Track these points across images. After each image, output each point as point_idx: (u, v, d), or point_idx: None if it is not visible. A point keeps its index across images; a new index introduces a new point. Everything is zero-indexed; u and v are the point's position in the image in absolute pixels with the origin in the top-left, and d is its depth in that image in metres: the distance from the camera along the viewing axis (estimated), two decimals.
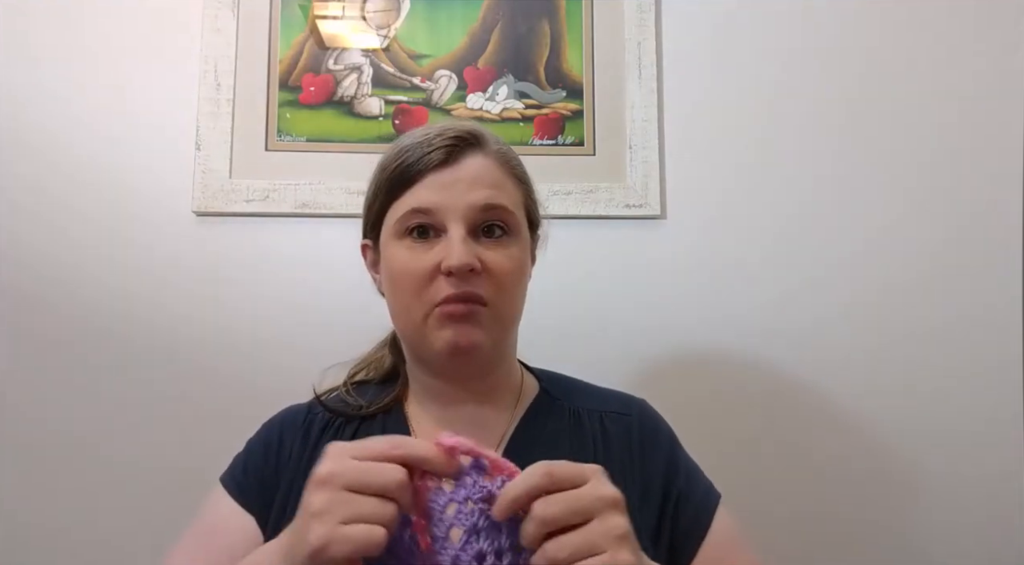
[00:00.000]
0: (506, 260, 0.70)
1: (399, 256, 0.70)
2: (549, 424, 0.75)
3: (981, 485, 1.09)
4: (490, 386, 0.75)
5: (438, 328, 0.68)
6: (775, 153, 1.15)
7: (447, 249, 0.67)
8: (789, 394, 1.11)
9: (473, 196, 0.69)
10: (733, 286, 1.12)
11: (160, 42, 1.12)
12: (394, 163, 0.71)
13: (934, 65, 1.17)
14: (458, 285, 0.67)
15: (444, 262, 0.67)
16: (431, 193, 0.69)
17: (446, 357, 0.69)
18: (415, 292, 0.68)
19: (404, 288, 0.69)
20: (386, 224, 0.72)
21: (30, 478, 1.04)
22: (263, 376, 1.07)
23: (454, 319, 0.67)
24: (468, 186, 0.69)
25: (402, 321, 0.72)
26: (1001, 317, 1.13)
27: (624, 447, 0.74)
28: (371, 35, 1.15)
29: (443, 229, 0.69)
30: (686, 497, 0.72)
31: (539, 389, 0.79)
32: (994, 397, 1.11)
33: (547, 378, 0.81)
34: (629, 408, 0.78)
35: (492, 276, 0.69)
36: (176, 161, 1.10)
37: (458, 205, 0.68)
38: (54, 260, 1.08)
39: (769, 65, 1.17)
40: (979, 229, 1.14)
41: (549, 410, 0.76)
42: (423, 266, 0.68)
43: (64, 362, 1.06)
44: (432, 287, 0.68)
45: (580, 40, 1.16)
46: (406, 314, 0.70)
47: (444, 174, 0.70)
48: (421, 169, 0.70)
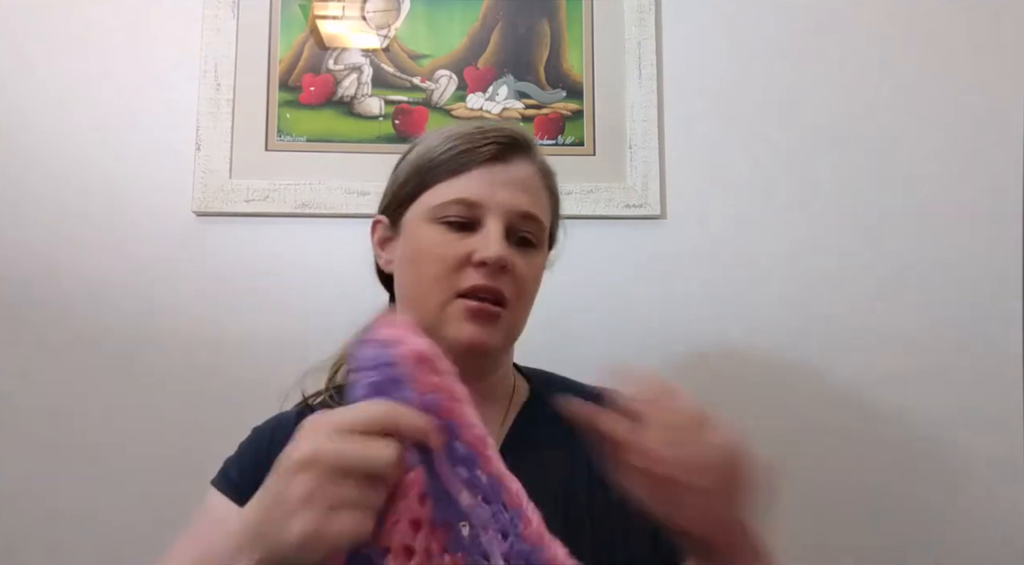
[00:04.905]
0: (529, 268, 0.71)
1: (430, 237, 0.68)
2: (541, 430, 0.73)
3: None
4: (485, 388, 0.73)
5: (458, 320, 0.67)
6: (775, 153, 1.15)
7: (483, 241, 0.67)
8: (789, 394, 1.11)
9: (517, 200, 0.69)
10: (733, 286, 1.12)
11: (160, 42, 1.12)
12: (443, 147, 0.70)
13: (935, 64, 1.17)
14: (487, 278, 0.66)
15: (479, 253, 0.66)
16: (479, 187, 0.68)
17: (458, 351, 0.65)
18: (441, 276, 0.67)
19: (429, 271, 0.68)
20: (418, 205, 0.71)
21: (30, 477, 1.04)
22: (263, 376, 1.06)
23: (480, 317, 0.67)
24: (514, 189, 0.69)
25: (416, 304, 0.69)
26: (1001, 317, 1.13)
27: None
28: (371, 35, 1.15)
29: (480, 224, 0.68)
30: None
31: (529, 392, 0.78)
32: (994, 390, 1.11)
33: (537, 379, 0.80)
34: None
35: (516, 280, 0.68)
36: (176, 161, 1.10)
37: (502, 204, 0.68)
38: (54, 260, 1.07)
39: (769, 65, 1.17)
40: (981, 228, 1.14)
41: (540, 414, 0.75)
42: (455, 252, 0.67)
43: (64, 362, 1.06)
44: (459, 275, 0.67)
45: (580, 40, 1.16)
46: (424, 298, 0.68)
47: (494, 171, 0.69)
48: (472, 160, 0.69)
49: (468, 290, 0.66)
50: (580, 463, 0.71)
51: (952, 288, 1.13)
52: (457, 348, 0.66)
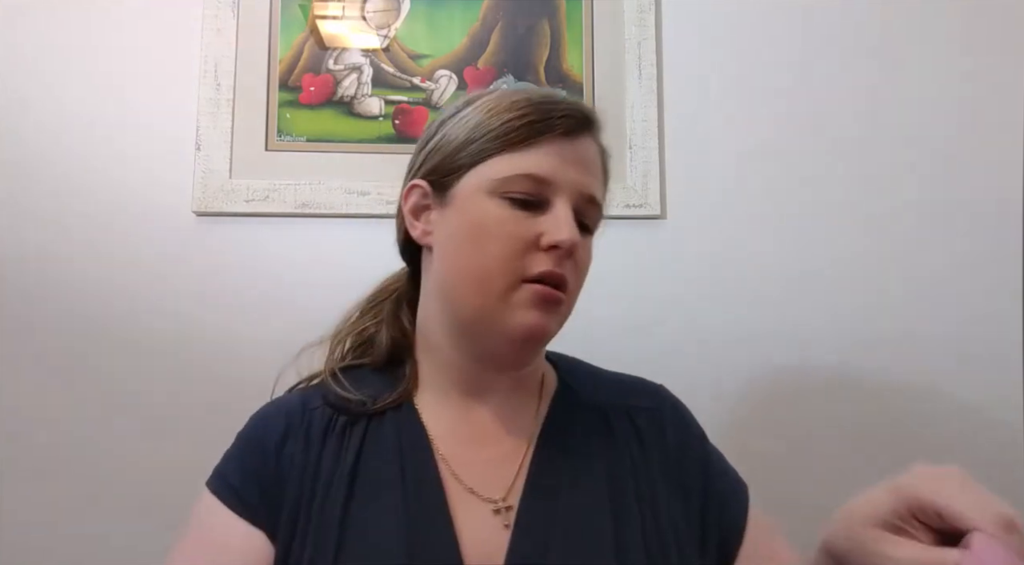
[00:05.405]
0: (586, 255, 0.66)
1: (495, 214, 0.62)
2: (577, 426, 0.70)
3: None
4: (522, 378, 0.70)
5: (524, 307, 0.61)
6: (775, 153, 1.15)
7: (553, 223, 0.61)
8: (790, 394, 1.11)
9: (585, 181, 0.64)
10: (733, 286, 1.12)
11: (160, 42, 1.12)
12: (511, 114, 0.63)
13: (935, 64, 1.17)
14: (555, 263, 0.61)
15: (550, 235, 0.61)
16: (550, 163, 0.62)
17: (517, 339, 0.62)
18: (508, 258, 0.61)
19: (494, 251, 0.61)
20: (476, 175, 0.63)
21: (29, 477, 1.04)
22: (263, 376, 1.06)
23: (547, 303, 0.62)
24: (582, 169, 0.64)
25: (474, 287, 0.62)
26: (1000, 316, 1.13)
27: (659, 449, 0.70)
28: (371, 35, 1.15)
29: (546, 203, 0.63)
30: (725, 495, 0.70)
31: (557, 380, 0.74)
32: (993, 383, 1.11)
33: (563, 366, 0.76)
34: (655, 400, 0.74)
35: (576, 266, 0.64)
36: (176, 161, 1.10)
37: (574, 184, 0.63)
38: (54, 260, 1.07)
39: (769, 64, 1.17)
40: (984, 227, 1.14)
41: (573, 407, 0.71)
42: (525, 233, 0.61)
43: (64, 362, 1.06)
44: (527, 258, 0.61)
45: (580, 40, 1.16)
46: (487, 281, 0.61)
47: (565, 147, 0.64)
48: (544, 132, 0.63)
49: (536, 276, 0.61)
50: (622, 451, 0.68)
51: (953, 288, 1.13)
52: (518, 335, 0.62)
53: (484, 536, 0.61)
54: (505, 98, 0.65)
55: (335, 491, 0.62)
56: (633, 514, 0.64)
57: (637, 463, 0.67)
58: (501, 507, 0.63)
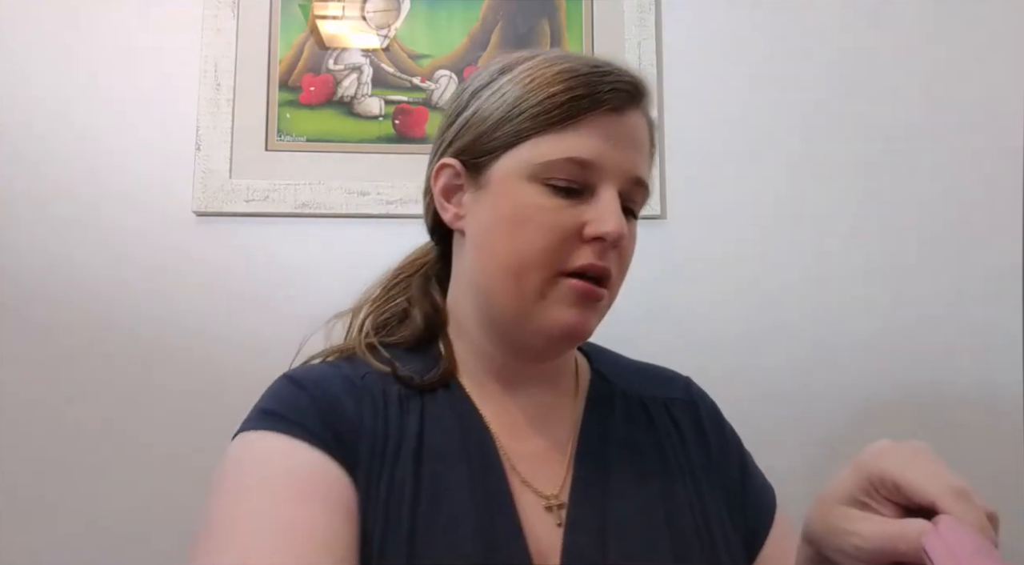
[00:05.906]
0: (631, 242, 0.61)
1: (535, 201, 0.57)
2: (618, 416, 0.67)
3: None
4: (558, 368, 0.66)
5: (563, 303, 0.57)
6: (776, 153, 1.15)
7: (598, 212, 0.56)
8: (790, 393, 1.11)
9: (632, 162, 0.58)
10: (733, 286, 1.12)
11: (160, 42, 1.12)
12: (554, 88, 0.57)
13: (936, 64, 1.17)
14: (598, 255, 0.56)
15: (594, 226, 0.56)
16: (596, 144, 0.56)
17: (553, 336, 0.59)
18: (548, 249, 0.56)
19: (533, 241, 0.56)
20: (514, 157, 0.58)
21: (29, 477, 1.04)
22: (263, 376, 1.06)
23: (589, 300, 0.57)
24: (630, 148, 0.58)
25: (510, 278, 0.58)
26: (1003, 315, 1.13)
27: (699, 446, 0.68)
28: (371, 35, 1.15)
29: (591, 188, 0.57)
30: (757, 494, 0.69)
31: (590, 370, 0.71)
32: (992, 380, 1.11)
33: (592, 353, 0.73)
34: (689, 393, 0.72)
35: (620, 257, 0.59)
36: (176, 161, 1.10)
37: (620, 167, 0.57)
38: (54, 259, 1.07)
39: (769, 65, 1.17)
40: (985, 227, 1.14)
41: (610, 398, 0.68)
42: (569, 223, 0.56)
43: (64, 361, 1.06)
44: (568, 250, 0.56)
45: (580, 40, 1.16)
46: (524, 274, 0.57)
47: (610, 125, 0.57)
48: (591, 109, 0.56)
49: (577, 269, 0.56)
50: (663, 444, 0.66)
51: (954, 287, 1.13)
52: (556, 334, 0.58)
53: (540, 533, 0.57)
54: (547, 67, 0.58)
55: (403, 462, 0.57)
56: (685, 514, 0.62)
57: (680, 459, 0.66)
58: (553, 504, 0.59)
